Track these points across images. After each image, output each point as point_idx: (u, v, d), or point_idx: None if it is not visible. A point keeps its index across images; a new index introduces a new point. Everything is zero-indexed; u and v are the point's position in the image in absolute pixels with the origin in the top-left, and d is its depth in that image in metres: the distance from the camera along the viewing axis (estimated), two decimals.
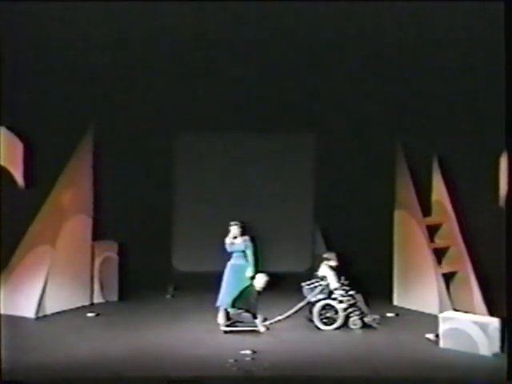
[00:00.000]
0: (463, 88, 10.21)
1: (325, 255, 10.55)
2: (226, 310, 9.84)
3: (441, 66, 10.31)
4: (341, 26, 9.70)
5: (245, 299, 9.72)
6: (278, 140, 13.60)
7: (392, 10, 9.03)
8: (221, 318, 9.82)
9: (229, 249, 10.08)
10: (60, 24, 9.48)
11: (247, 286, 9.86)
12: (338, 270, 10.23)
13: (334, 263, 10.25)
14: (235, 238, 10.08)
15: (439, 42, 9.83)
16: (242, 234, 10.13)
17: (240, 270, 10.03)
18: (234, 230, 10.11)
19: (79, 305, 11.01)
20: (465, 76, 10.04)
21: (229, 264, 10.09)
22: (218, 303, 9.95)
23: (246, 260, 10.07)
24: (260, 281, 9.83)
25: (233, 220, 10.26)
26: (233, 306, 9.73)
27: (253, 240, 10.22)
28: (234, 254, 10.05)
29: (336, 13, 9.24)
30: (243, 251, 10.04)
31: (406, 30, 9.66)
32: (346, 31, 9.83)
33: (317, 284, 10.02)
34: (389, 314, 10.55)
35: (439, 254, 11.00)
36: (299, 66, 11.16)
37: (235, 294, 9.84)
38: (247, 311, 9.63)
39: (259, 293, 9.81)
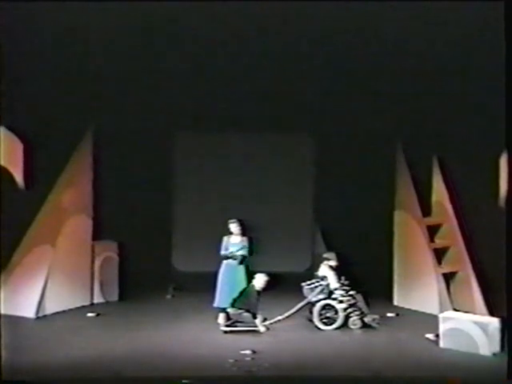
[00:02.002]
0: (463, 88, 10.20)
1: (325, 255, 10.57)
2: (225, 309, 9.85)
3: (441, 65, 10.31)
4: (341, 27, 9.69)
5: (245, 299, 9.72)
6: (278, 140, 13.59)
7: (392, 10, 9.03)
8: (221, 318, 9.82)
9: (223, 250, 10.08)
10: (60, 24, 9.48)
11: (247, 286, 9.87)
12: (338, 270, 10.24)
13: (333, 263, 10.26)
14: (233, 235, 10.10)
15: (439, 42, 9.82)
16: (241, 233, 10.15)
17: (235, 269, 10.04)
18: (233, 227, 10.13)
19: (79, 305, 11.01)
20: (465, 76, 10.04)
21: (224, 263, 10.11)
22: (216, 304, 9.97)
23: (241, 259, 10.10)
24: (260, 281, 9.83)
25: (233, 220, 10.28)
26: (233, 306, 9.73)
27: (250, 241, 10.23)
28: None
29: (336, 13, 9.23)
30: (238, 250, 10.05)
31: (405, 30, 9.65)
32: (346, 32, 9.82)
33: (317, 284, 10.02)
34: (389, 314, 10.55)
35: (439, 254, 11.00)
36: (299, 67, 11.15)
37: (231, 293, 9.85)
38: (247, 311, 9.63)
39: (259, 293, 9.81)
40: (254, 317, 9.62)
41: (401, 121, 11.60)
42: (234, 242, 10.09)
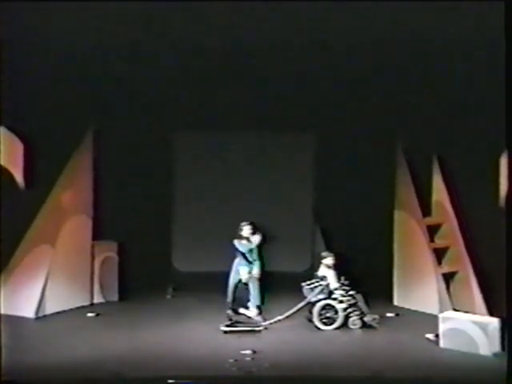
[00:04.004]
0: (463, 88, 10.20)
1: (322, 254, 10.51)
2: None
3: (441, 65, 10.31)
4: (341, 26, 9.69)
5: (238, 296, 9.83)
6: (278, 140, 13.59)
7: (392, 9, 9.03)
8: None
9: (239, 247, 10.14)
10: (60, 24, 9.47)
11: (237, 283, 9.95)
12: (338, 270, 10.23)
13: (330, 261, 10.21)
14: (246, 238, 10.16)
15: (439, 42, 9.82)
16: (253, 234, 10.21)
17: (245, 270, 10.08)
18: (245, 230, 10.18)
19: (79, 305, 11.00)
20: (465, 76, 10.04)
21: (235, 263, 10.14)
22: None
23: (251, 259, 10.13)
24: (243, 273, 9.90)
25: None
26: (232, 307, 9.81)
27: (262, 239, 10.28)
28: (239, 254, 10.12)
29: (336, 13, 9.23)
30: (250, 250, 10.09)
31: (405, 29, 9.65)
32: (345, 31, 9.82)
33: (317, 284, 10.02)
34: (389, 314, 10.55)
35: (439, 254, 11.00)
36: (299, 66, 11.15)
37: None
38: (244, 307, 9.71)
39: (246, 284, 9.87)
40: (247, 308, 9.70)
41: (401, 121, 11.60)
42: (245, 243, 10.15)
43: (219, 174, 13.50)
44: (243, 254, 10.16)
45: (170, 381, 7.07)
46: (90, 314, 10.52)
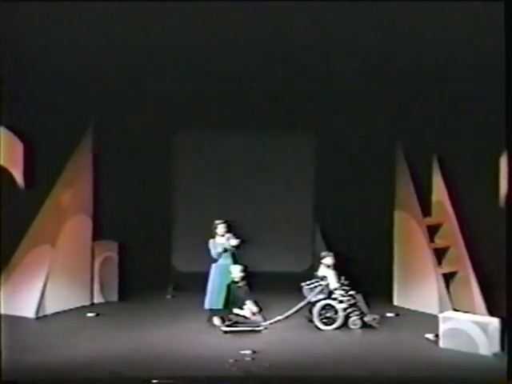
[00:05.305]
0: (463, 88, 10.21)
1: (322, 254, 10.51)
2: (217, 311, 9.90)
3: (441, 66, 10.31)
4: (341, 27, 9.69)
5: (236, 298, 9.80)
6: (278, 140, 13.59)
7: (392, 10, 9.03)
8: (217, 320, 9.82)
9: (212, 249, 10.07)
10: (60, 24, 9.47)
11: (229, 285, 9.92)
12: (338, 270, 10.23)
13: (330, 261, 10.21)
14: (222, 236, 10.11)
15: (439, 42, 9.82)
16: (227, 232, 10.16)
17: (225, 269, 10.04)
18: (220, 228, 10.13)
19: (79, 305, 11.01)
20: (465, 76, 10.04)
21: (213, 266, 10.10)
22: (207, 306, 9.98)
23: (231, 259, 10.11)
24: (236, 272, 9.88)
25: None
26: (231, 311, 9.79)
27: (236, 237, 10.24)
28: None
29: (336, 13, 9.23)
30: (226, 250, 10.06)
31: (405, 30, 9.65)
32: (345, 31, 9.83)
33: (317, 284, 10.02)
34: (389, 314, 10.55)
35: (439, 254, 11.00)
36: (299, 66, 11.16)
37: (222, 294, 9.90)
38: (240, 308, 9.71)
39: (237, 282, 9.88)
40: (241, 308, 9.67)
41: (401, 121, 11.60)
42: (221, 243, 10.10)
43: (219, 174, 13.50)
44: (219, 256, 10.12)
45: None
46: (89, 314, 10.52)
